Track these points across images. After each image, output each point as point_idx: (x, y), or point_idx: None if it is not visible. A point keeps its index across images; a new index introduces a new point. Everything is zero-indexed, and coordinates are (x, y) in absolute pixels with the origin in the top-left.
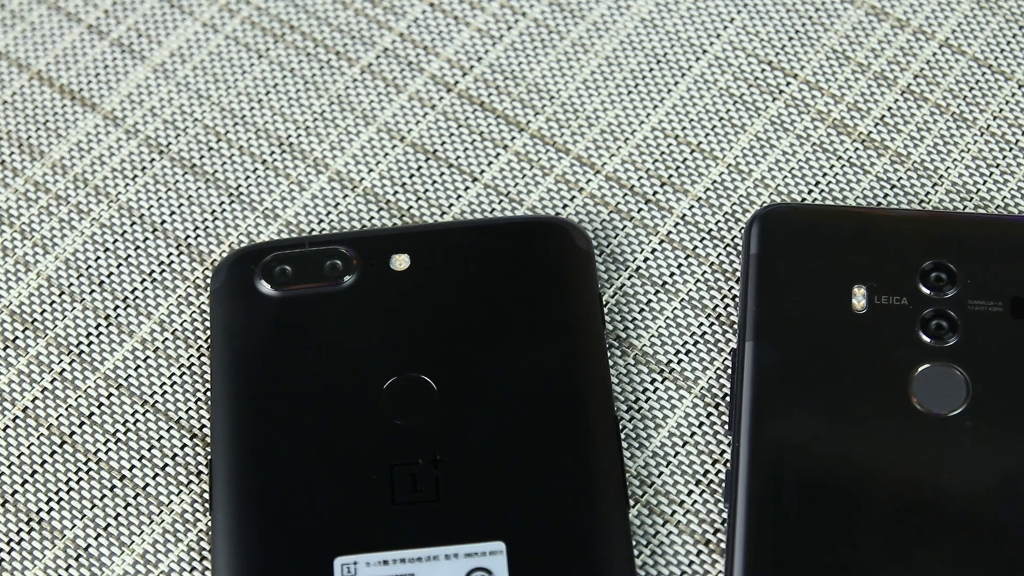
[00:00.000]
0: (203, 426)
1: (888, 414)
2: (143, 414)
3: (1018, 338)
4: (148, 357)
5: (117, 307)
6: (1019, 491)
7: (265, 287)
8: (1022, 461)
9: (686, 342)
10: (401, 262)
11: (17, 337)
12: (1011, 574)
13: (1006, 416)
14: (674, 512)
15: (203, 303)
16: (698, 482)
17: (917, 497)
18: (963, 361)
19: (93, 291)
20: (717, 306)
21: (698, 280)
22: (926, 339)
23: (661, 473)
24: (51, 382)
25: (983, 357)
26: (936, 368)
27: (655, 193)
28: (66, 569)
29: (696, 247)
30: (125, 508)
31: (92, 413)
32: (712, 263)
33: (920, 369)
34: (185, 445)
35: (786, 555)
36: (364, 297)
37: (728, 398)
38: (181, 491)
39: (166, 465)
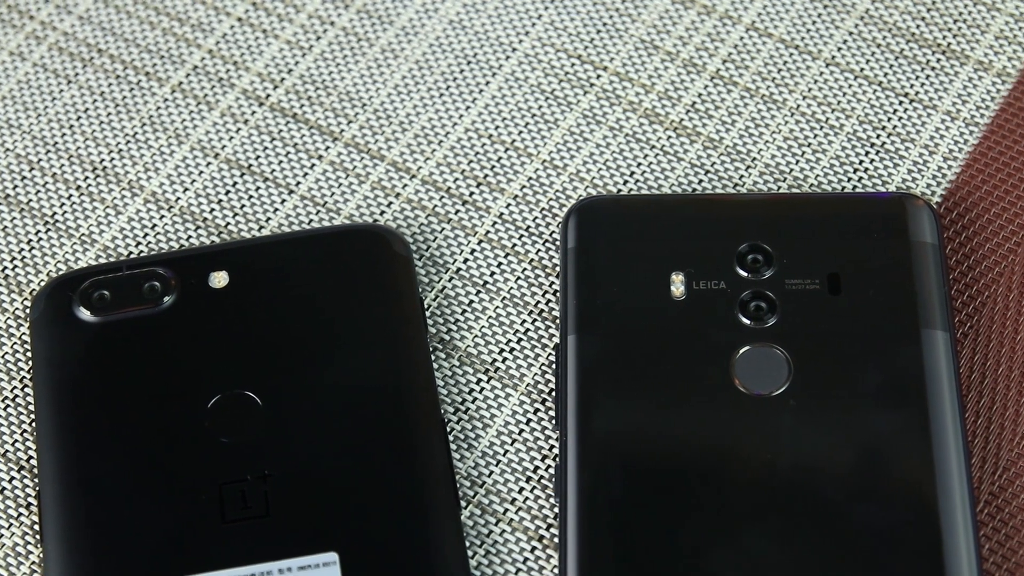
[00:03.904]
0: (30, 457)
1: (712, 398)
2: None
3: (836, 314)
4: None
5: None
6: (844, 465)
7: (84, 314)
8: (846, 436)
9: (509, 340)
10: (220, 279)
11: None
12: (840, 548)
13: (828, 392)
14: (506, 511)
15: (24, 334)
16: (528, 479)
17: (745, 478)
18: (783, 340)
19: None
20: (539, 302)
21: (519, 278)
22: (746, 321)
23: (491, 472)
24: None
25: (803, 335)
26: (757, 349)
27: (471, 194)
28: None
29: (515, 245)
30: None
31: None
32: (532, 260)
33: (741, 351)
34: (13, 478)
35: (618, 545)
36: (184, 317)
37: (554, 393)
38: (11, 524)
39: None
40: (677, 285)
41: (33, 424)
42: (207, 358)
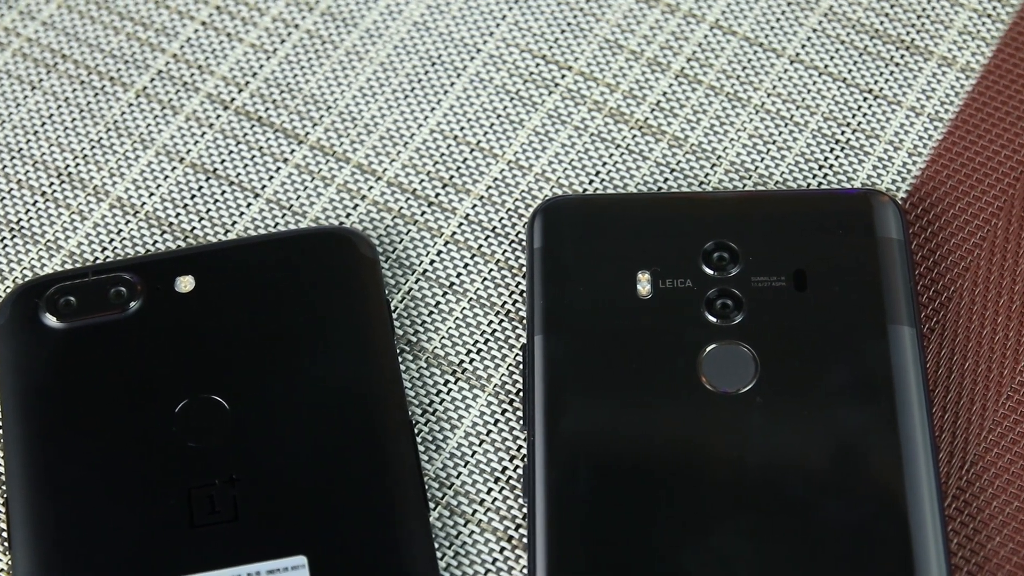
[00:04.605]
0: None
1: (679, 396)
2: None
3: (802, 311)
4: None
5: None
6: (811, 462)
7: (51, 320)
8: (813, 432)
9: (477, 341)
10: (186, 284)
11: None
12: (808, 544)
13: (795, 389)
14: (475, 512)
15: None
16: (497, 480)
17: (713, 476)
18: (750, 338)
19: None
20: (506, 303)
21: (485, 278)
22: (712, 319)
23: (460, 473)
24: None
25: (769, 332)
26: (723, 347)
27: (437, 195)
28: None
29: (481, 246)
30: None
31: None
32: (498, 260)
33: (708, 349)
34: None
35: (586, 544)
36: (151, 322)
37: (521, 393)
38: None
39: None
40: (643, 284)
41: (0, 431)
42: (174, 363)
